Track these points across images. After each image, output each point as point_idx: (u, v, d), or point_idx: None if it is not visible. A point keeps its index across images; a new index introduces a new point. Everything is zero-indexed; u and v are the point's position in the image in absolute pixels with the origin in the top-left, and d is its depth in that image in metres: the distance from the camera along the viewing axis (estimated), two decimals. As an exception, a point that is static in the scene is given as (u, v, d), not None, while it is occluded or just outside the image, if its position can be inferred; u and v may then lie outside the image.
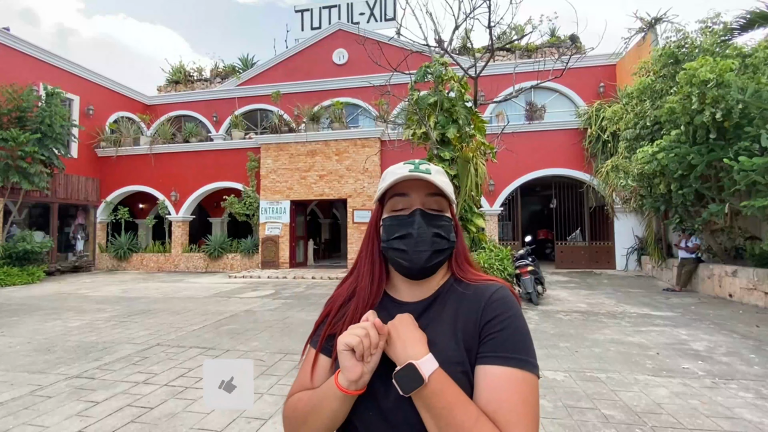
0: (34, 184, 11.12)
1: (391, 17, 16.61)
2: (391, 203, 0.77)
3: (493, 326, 0.69)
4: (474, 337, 0.69)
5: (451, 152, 7.62)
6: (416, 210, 0.74)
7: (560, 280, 10.02)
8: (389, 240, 0.75)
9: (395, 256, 0.74)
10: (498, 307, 0.71)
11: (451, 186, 0.80)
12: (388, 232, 0.76)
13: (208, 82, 18.04)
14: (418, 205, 0.75)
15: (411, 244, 0.72)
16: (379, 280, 0.79)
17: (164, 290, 9.33)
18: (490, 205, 12.21)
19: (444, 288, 0.78)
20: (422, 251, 0.72)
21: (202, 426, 2.78)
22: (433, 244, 0.73)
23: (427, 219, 0.74)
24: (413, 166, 0.75)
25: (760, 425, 2.68)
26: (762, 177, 5.63)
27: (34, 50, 12.36)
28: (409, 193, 0.75)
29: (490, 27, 8.11)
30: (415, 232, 0.72)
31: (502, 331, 0.68)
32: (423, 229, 0.73)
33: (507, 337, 0.68)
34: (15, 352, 4.54)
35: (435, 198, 0.75)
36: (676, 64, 8.03)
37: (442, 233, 0.74)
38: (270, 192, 13.12)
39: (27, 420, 2.88)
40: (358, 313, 0.76)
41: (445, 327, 0.72)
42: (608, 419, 2.80)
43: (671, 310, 6.43)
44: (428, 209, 0.75)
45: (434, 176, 0.74)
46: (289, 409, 0.75)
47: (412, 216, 0.74)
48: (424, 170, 0.74)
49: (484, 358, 0.67)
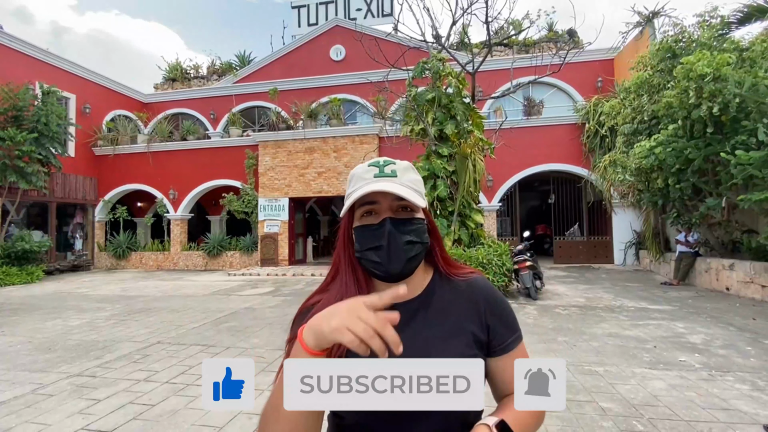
0: (32, 184, 11.08)
1: (388, 13, 16.55)
2: (361, 210, 0.74)
3: (495, 320, 0.79)
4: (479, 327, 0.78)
5: (449, 148, 7.62)
6: (385, 219, 0.72)
7: (558, 275, 10.06)
8: (362, 251, 0.73)
9: (369, 266, 0.73)
10: (491, 300, 0.81)
11: (421, 181, 0.78)
12: (360, 243, 0.74)
13: (205, 80, 17.95)
14: (387, 213, 0.72)
15: (383, 255, 0.70)
16: (366, 286, 0.77)
17: (164, 288, 9.35)
18: (489, 201, 12.22)
19: (433, 285, 0.79)
20: (396, 261, 0.71)
21: (204, 423, 2.80)
22: (406, 252, 0.71)
23: (397, 226, 0.71)
24: (378, 169, 0.73)
25: (756, 416, 2.71)
26: (759, 171, 5.65)
27: (30, 48, 12.28)
28: (376, 200, 0.73)
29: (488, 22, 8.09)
30: (385, 244, 0.70)
31: (502, 322, 0.80)
32: (394, 239, 0.70)
33: (505, 325, 0.80)
34: (16, 352, 4.55)
35: (404, 201, 0.72)
36: (674, 58, 8.03)
37: (414, 238, 0.72)
38: (268, 189, 13.11)
39: (29, 418, 2.90)
40: None
41: (450, 320, 0.76)
42: (606, 412, 2.83)
43: (669, 304, 6.47)
44: (397, 215, 0.73)
45: (400, 179, 0.72)
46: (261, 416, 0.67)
47: (382, 226, 0.71)
48: (390, 172, 0.72)
49: (499, 350, 0.78)
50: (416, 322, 0.75)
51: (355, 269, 0.77)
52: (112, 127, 14.70)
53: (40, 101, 11.31)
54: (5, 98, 10.60)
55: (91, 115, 14.23)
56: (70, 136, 12.83)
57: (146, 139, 14.56)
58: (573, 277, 9.67)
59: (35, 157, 10.99)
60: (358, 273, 0.77)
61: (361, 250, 0.73)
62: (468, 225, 7.63)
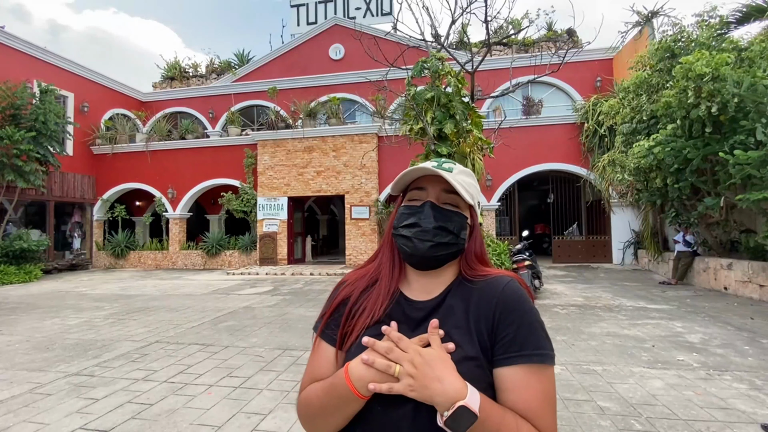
0: (30, 182, 11.05)
1: (387, 12, 16.52)
2: (410, 195, 0.81)
3: (507, 325, 0.70)
4: (488, 332, 0.71)
5: (448, 148, 7.61)
6: (427, 202, 0.77)
7: (557, 275, 10.07)
8: (398, 227, 0.79)
9: (400, 242, 0.78)
10: (509, 303, 0.72)
11: (476, 186, 0.81)
12: (398, 220, 0.80)
13: (204, 79, 17.90)
14: (431, 199, 0.78)
15: (416, 233, 0.75)
16: (400, 267, 0.82)
17: (162, 287, 9.33)
18: (488, 200, 12.23)
19: (453, 285, 0.79)
20: (425, 240, 0.74)
21: (202, 421, 2.79)
22: (435, 235, 0.74)
23: (436, 212, 0.76)
24: (437, 163, 0.78)
25: (754, 415, 2.72)
26: (757, 170, 5.66)
27: (28, 47, 12.23)
28: (425, 187, 0.79)
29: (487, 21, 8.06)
30: (421, 222, 0.75)
31: (516, 329, 0.69)
32: (428, 220, 0.75)
33: (521, 334, 0.69)
34: (14, 350, 4.54)
35: (451, 195, 0.77)
36: (673, 58, 8.04)
37: (449, 227, 0.75)
38: (267, 188, 13.10)
39: (27, 417, 2.89)
40: (378, 304, 0.77)
41: (458, 322, 0.72)
42: (604, 411, 2.84)
43: (667, 303, 6.49)
44: (441, 203, 0.78)
45: (454, 175, 0.76)
46: (302, 405, 0.76)
47: (422, 207, 0.77)
48: (446, 168, 0.77)
49: (503, 359, 0.69)
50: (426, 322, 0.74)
51: (392, 249, 0.83)
52: (111, 125, 14.66)
53: (38, 100, 11.28)
54: (3, 97, 10.57)
55: (90, 114, 14.19)
56: (68, 134, 12.79)
57: (145, 137, 14.53)
58: (572, 277, 9.69)
59: (33, 155, 10.96)
60: (394, 254, 0.82)
61: (397, 226, 0.79)
62: (467, 224, 7.62)
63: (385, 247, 0.85)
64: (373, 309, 0.77)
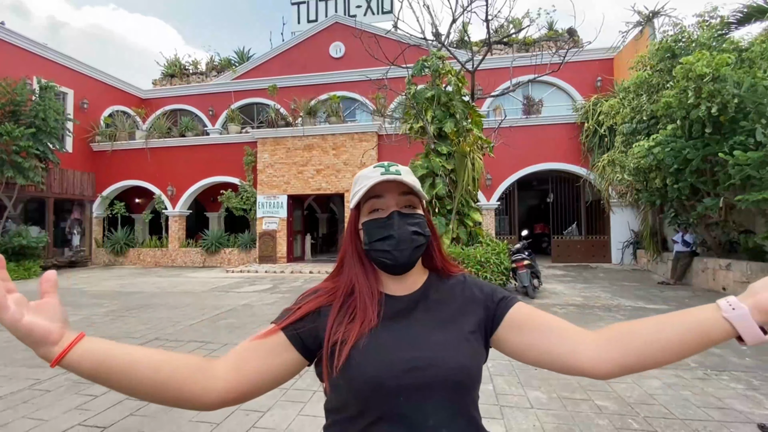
0: (29, 179, 11.04)
1: (388, 10, 16.51)
2: (368, 206, 0.81)
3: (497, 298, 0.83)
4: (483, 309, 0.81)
5: (448, 147, 7.62)
6: (393, 212, 0.79)
7: (556, 274, 10.09)
8: (371, 243, 0.79)
9: (379, 256, 0.79)
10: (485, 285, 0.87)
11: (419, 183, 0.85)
12: (369, 236, 0.80)
13: (204, 76, 17.88)
14: (394, 207, 0.80)
15: (393, 244, 0.77)
16: (374, 277, 0.83)
17: (162, 285, 9.33)
18: (487, 200, 12.23)
19: (431, 280, 0.86)
20: (404, 249, 0.77)
21: (201, 418, 2.80)
22: (412, 241, 0.78)
23: (404, 218, 0.79)
24: (383, 168, 0.80)
25: (751, 415, 2.73)
26: (756, 171, 5.67)
27: (27, 43, 12.21)
28: (383, 194, 0.80)
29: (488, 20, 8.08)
30: (395, 233, 0.77)
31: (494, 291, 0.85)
32: (402, 230, 0.78)
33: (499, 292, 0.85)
34: (13, 347, 4.54)
35: (407, 197, 0.81)
36: (673, 58, 8.03)
37: (419, 230, 0.80)
38: (267, 187, 13.09)
39: (26, 414, 2.90)
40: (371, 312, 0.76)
41: (452, 306, 0.81)
42: (601, 410, 2.85)
43: (665, 303, 6.50)
44: (403, 209, 0.80)
45: (405, 176, 0.79)
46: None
47: (390, 218, 0.79)
48: (395, 171, 0.79)
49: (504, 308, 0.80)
50: (417, 311, 0.80)
51: (363, 261, 0.83)
52: (110, 122, 14.64)
53: (37, 96, 11.25)
54: (3, 93, 10.54)
55: (89, 111, 14.17)
56: (67, 131, 12.78)
57: (144, 135, 14.51)
58: (571, 276, 9.70)
59: (33, 152, 10.94)
60: (366, 265, 0.83)
61: (370, 242, 0.80)
62: (466, 223, 7.63)
63: (350, 260, 0.84)
64: (366, 317, 0.76)
